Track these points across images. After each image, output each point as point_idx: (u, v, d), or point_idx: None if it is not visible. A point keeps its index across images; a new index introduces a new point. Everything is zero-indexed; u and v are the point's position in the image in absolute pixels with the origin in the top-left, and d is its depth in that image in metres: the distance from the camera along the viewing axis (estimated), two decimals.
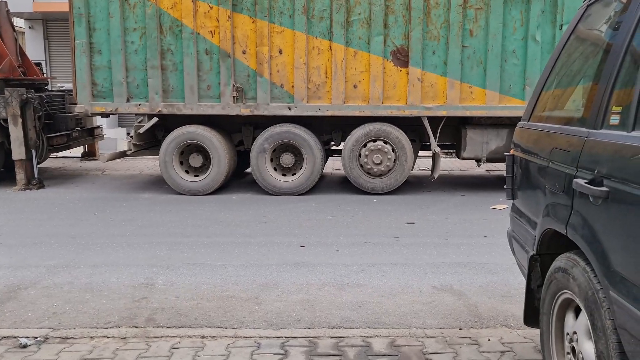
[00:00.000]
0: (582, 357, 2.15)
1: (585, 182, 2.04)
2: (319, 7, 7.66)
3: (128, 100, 8.02)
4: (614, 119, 2.00)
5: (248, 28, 7.77)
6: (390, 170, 7.94)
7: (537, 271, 2.68)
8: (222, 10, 7.73)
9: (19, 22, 17.56)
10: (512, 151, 3.20)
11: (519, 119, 3.39)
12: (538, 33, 7.49)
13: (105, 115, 8.61)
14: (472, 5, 7.53)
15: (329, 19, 7.66)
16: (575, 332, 2.24)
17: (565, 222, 2.25)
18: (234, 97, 7.86)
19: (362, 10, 7.62)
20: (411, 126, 8.09)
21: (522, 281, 3.00)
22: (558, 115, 2.78)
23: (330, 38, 7.69)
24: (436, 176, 8.27)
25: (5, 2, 9.35)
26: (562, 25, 7.35)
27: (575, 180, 2.13)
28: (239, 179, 9.35)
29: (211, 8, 7.75)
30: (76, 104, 8.09)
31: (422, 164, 10.42)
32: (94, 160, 11.27)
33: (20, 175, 8.48)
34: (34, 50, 16.96)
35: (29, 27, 17.37)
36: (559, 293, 2.35)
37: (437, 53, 7.65)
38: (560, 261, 2.33)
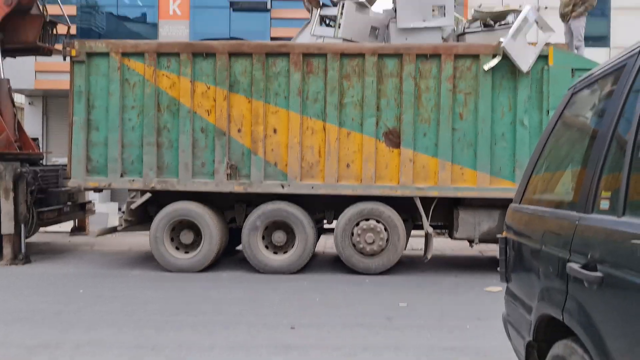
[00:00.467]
0: None
1: (579, 267, 2.03)
2: (313, 89, 7.90)
3: (122, 176, 8.06)
4: (604, 204, 2.03)
5: (244, 108, 7.96)
6: (382, 250, 7.89)
7: (534, 358, 2.60)
8: (219, 90, 7.95)
9: (19, 98, 17.97)
10: (504, 233, 3.21)
11: (510, 200, 3.42)
12: (526, 118, 7.71)
13: (98, 190, 8.62)
14: (461, 90, 7.80)
15: (323, 100, 7.88)
16: None
17: (561, 307, 2.21)
18: (227, 174, 7.92)
19: (355, 93, 7.87)
20: (403, 206, 8.11)
21: None
22: (549, 198, 2.81)
23: (324, 119, 7.88)
24: (429, 257, 8.21)
25: (8, 80, 9.60)
26: (548, 111, 7.59)
27: (568, 264, 2.12)
28: (229, 256, 9.23)
29: (208, 88, 7.98)
30: (70, 178, 8.12)
31: (415, 243, 10.37)
32: (84, 235, 11.15)
33: (7, 250, 8.34)
34: (33, 125, 17.25)
35: (29, 104, 17.76)
36: None
37: (428, 135, 7.83)
38: (557, 348, 2.27)
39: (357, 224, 7.89)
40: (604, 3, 15.91)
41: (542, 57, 7.72)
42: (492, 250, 10.06)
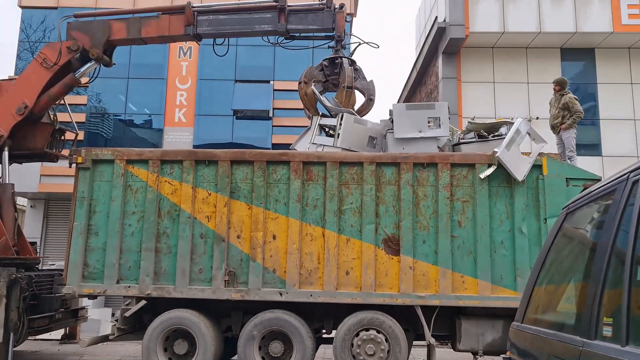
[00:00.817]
0: None
1: None
2: (312, 196, 8.01)
3: (118, 282, 7.94)
4: (607, 331, 1.98)
5: (244, 214, 8.02)
6: None
7: None
8: (220, 196, 8.06)
9: (21, 201, 18.16)
10: (508, 353, 3.10)
11: (513, 310, 3.34)
12: (524, 226, 7.75)
13: (92, 297, 8.45)
14: (458, 198, 7.91)
15: (322, 207, 7.96)
16: None
17: None
18: (225, 281, 7.81)
19: (354, 200, 7.96)
20: (404, 315, 7.91)
21: None
22: (551, 319, 2.75)
23: (323, 225, 7.91)
24: None
25: (12, 185, 9.75)
26: (546, 219, 7.64)
27: None
28: None
29: (209, 195, 8.09)
30: (64, 284, 7.99)
31: (417, 354, 10.00)
32: (74, 343, 10.77)
33: None
34: (33, 228, 17.29)
35: (31, 207, 17.91)
36: None
37: (428, 242, 7.82)
38: None
39: (357, 334, 7.66)
40: (594, 114, 16.57)
41: (537, 167, 7.91)
42: None
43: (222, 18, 9.41)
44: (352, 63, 9.51)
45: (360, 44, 9.67)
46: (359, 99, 9.67)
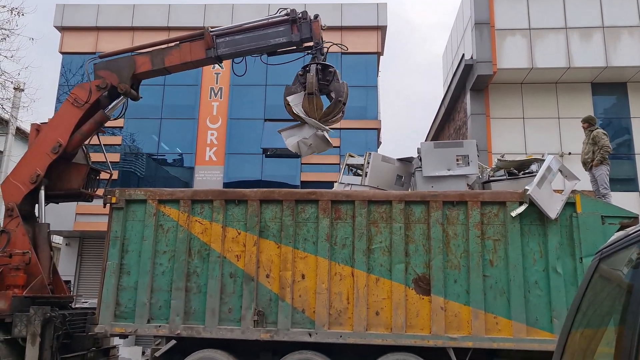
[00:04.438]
0: None
1: None
2: (341, 235, 7.99)
3: (149, 322, 7.99)
4: None
5: (273, 253, 8.04)
6: None
7: None
8: (249, 235, 8.11)
9: (56, 239, 18.59)
10: None
11: (549, 353, 3.25)
12: (559, 265, 7.56)
13: (124, 336, 8.51)
14: (489, 236, 7.78)
15: (351, 246, 7.93)
16: None
17: None
18: (254, 321, 7.79)
19: (383, 239, 7.91)
20: (436, 356, 7.72)
21: None
22: None
23: (352, 264, 7.86)
24: None
25: (48, 225, 10.01)
26: (582, 259, 7.44)
27: None
28: None
29: (239, 234, 8.15)
30: (97, 324, 8.08)
31: None
32: None
33: None
34: (67, 265, 17.63)
35: (66, 245, 18.29)
36: None
37: (459, 282, 7.68)
38: None
39: None
40: (628, 148, 16.24)
41: (570, 204, 7.76)
42: None
43: (238, 38, 9.70)
44: (326, 67, 9.46)
45: (330, 46, 9.70)
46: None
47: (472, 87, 16.81)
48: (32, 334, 8.21)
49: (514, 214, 7.70)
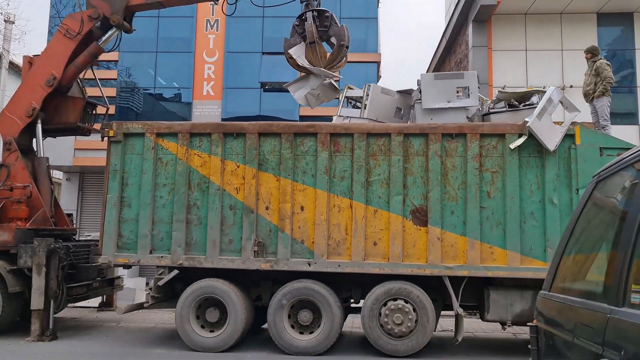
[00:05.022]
0: None
1: None
2: (340, 168, 8.02)
3: (151, 253, 8.16)
4: (635, 298, 1.97)
5: (272, 186, 8.10)
6: (411, 331, 7.65)
7: None
8: (248, 169, 8.14)
9: (57, 174, 18.67)
10: (535, 321, 3.11)
11: (542, 281, 3.33)
12: (555, 196, 7.63)
13: (127, 266, 8.72)
14: (487, 168, 7.81)
15: (349, 178, 7.97)
16: None
17: None
18: (254, 251, 7.95)
19: (382, 172, 7.94)
20: (432, 285, 7.95)
21: None
22: (579, 287, 2.73)
23: (350, 197, 7.93)
24: (460, 339, 7.92)
25: (47, 158, 10.02)
26: (578, 190, 7.51)
27: None
28: (255, 335, 9.08)
29: (238, 167, 8.17)
30: (100, 254, 8.26)
31: (445, 324, 10.05)
32: (111, 310, 11.15)
33: (35, 326, 8.38)
34: (69, 200, 17.79)
35: (66, 180, 18.38)
36: None
37: (456, 213, 7.78)
38: None
39: (385, 304, 7.73)
40: (631, 81, 16.02)
41: (569, 136, 7.74)
42: (526, 332, 9.66)
43: None
44: (322, 13, 9.16)
45: None
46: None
47: (474, 18, 16.37)
48: (38, 264, 8.40)
49: (512, 145, 7.70)
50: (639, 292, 1.95)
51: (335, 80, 9.17)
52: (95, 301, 11.36)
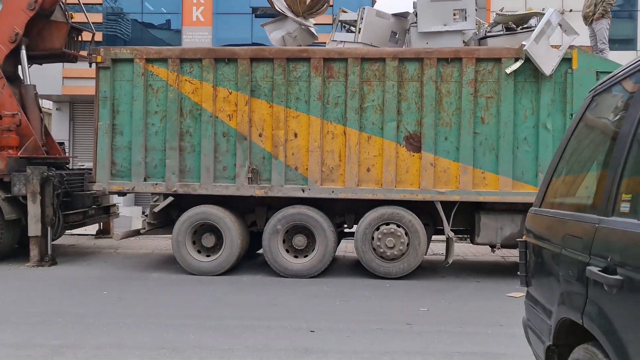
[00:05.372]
0: None
1: (599, 270, 2.00)
2: (333, 94, 7.92)
3: (145, 180, 8.17)
4: (625, 207, 1.99)
5: (265, 112, 8.02)
6: (403, 254, 7.84)
7: None
8: (241, 95, 8.02)
9: (47, 104, 18.37)
10: (524, 237, 3.17)
11: (532, 205, 3.38)
12: (549, 121, 7.61)
13: (122, 194, 8.76)
14: (482, 94, 7.74)
15: (343, 105, 7.89)
16: None
17: (580, 311, 2.18)
18: (249, 178, 7.98)
19: (376, 97, 7.86)
20: (424, 210, 8.07)
21: None
22: (569, 202, 2.77)
23: (344, 123, 7.89)
24: (450, 262, 8.14)
25: (34, 86, 9.82)
26: (572, 115, 7.48)
27: (588, 268, 2.09)
28: (250, 259, 9.29)
29: (230, 93, 8.05)
30: (94, 182, 8.27)
31: (436, 248, 10.30)
32: (108, 238, 11.32)
33: (34, 252, 8.52)
34: (60, 130, 17.60)
35: (57, 109, 18.12)
36: None
37: (450, 139, 7.78)
38: (577, 353, 2.24)
39: (378, 228, 7.87)
40: (631, 5, 15.63)
41: (566, 60, 7.63)
42: (514, 255, 9.94)
43: None
44: None
45: None
46: None
47: None
48: (32, 192, 8.42)
49: (508, 70, 7.59)
50: (628, 202, 1.98)
51: (311, 26, 8.90)
52: (92, 229, 11.51)
